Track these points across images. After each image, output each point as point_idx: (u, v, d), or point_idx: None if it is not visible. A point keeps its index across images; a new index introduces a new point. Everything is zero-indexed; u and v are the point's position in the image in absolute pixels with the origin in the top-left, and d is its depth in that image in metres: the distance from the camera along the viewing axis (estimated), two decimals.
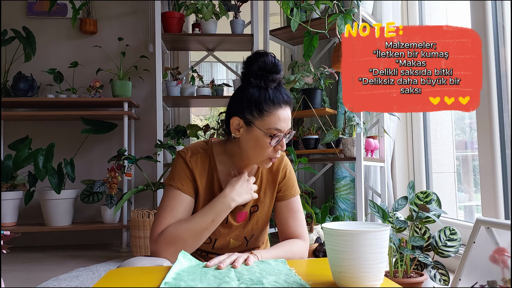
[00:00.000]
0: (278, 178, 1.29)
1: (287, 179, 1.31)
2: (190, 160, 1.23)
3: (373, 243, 0.79)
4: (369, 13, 2.78)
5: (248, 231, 1.29)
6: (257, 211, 1.29)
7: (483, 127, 1.99)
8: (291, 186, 1.31)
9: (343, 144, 2.71)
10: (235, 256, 1.05)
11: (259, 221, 1.30)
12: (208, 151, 1.27)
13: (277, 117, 1.16)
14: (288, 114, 1.19)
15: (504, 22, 1.96)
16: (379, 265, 0.80)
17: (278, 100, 1.17)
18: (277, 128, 1.16)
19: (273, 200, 1.31)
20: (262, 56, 1.18)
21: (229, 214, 1.25)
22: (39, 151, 3.06)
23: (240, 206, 1.26)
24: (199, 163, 1.24)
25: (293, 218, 1.28)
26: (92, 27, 3.57)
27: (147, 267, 1.06)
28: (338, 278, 0.83)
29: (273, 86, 1.18)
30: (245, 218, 1.28)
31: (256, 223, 1.29)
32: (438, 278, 1.83)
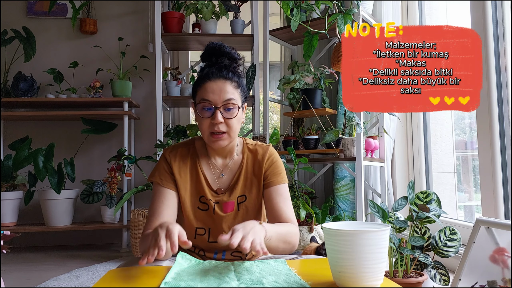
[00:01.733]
0: (263, 167, 1.31)
1: (273, 166, 1.32)
2: (169, 155, 1.30)
3: (373, 243, 0.79)
4: (369, 13, 2.78)
5: (239, 222, 1.28)
6: (245, 201, 1.31)
7: (483, 127, 1.99)
8: (278, 173, 1.32)
9: (343, 144, 2.71)
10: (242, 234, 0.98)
11: (249, 211, 1.31)
12: (189, 145, 1.33)
13: (205, 89, 1.22)
14: (218, 86, 1.21)
15: (504, 22, 1.96)
16: (379, 265, 0.80)
17: (208, 75, 1.23)
18: (203, 99, 1.21)
19: (260, 189, 1.32)
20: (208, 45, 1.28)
21: (216, 205, 1.28)
22: (39, 151, 3.06)
23: (227, 197, 1.29)
24: (177, 157, 1.30)
25: (284, 203, 1.29)
26: (92, 27, 3.57)
27: (147, 267, 1.06)
28: (338, 278, 0.83)
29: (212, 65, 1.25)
30: (232, 208, 1.29)
31: (247, 213, 1.30)
32: (438, 278, 1.83)
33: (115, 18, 3.68)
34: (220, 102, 1.21)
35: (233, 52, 1.29)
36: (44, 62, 3.54)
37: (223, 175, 1.32)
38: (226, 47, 1.27)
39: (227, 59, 1.26)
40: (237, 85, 1.25)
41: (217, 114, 1.20)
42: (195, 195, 1.29)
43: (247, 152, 1.34)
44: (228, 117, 1.22)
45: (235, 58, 1.28)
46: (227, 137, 1.24)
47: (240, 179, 1.31)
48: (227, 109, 1.22)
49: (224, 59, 1.26)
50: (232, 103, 1.22)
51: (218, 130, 1.22)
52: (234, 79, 1.25)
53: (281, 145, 3.12)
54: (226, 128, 1.23)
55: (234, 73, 1.26)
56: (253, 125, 3.24)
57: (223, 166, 1.33)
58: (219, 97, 1.21)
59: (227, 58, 1.27)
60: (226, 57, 1.26)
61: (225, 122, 1.22)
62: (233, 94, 1.22)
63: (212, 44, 1.28)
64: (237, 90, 1.25)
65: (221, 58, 1.26)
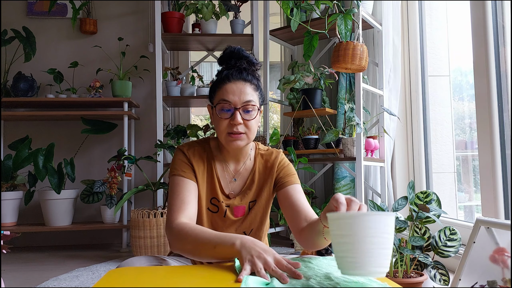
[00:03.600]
0: (275, 171, 1.32)
1: (286, 169, 1.33)
2: (187, 151, 1.30)
3: (375, 227, 0.78)
4: (369, 13, 2.78)
5: (247, 226, 1.31)
6: (255, 206, 1.32)
7: (483, 127, 1.99)
8: (291, 174, 1.32)
9: (343, 144, 2.71)
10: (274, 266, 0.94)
11: (257, 215, 1.32)
12: (205, 145, 1.33)
13: (225, 90, 1.22)
14: (238, 87, 1.22)
15: (504, 22, 1.96)
16: (382, 250, 0.78)
17: (228, 76, 1.23)
18: (223, 99, 1.21)
19: (270, 194, 1.33)
20: (226, 49, 1.29)
21: (227, 209, 1.29)
22: (39, 151, 3.06)
23: (238, 201, 1.30)
24: (196, 154, 1.30)
25: (305, 199, 1.28)
26: (92, 27, 3.58)
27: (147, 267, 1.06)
28: (341, 263, 0.82)
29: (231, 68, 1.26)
30: (243, 213, 1.30)
31: (255, 218, 1.31)
32: (438, 278, 1.83)
33: (115, 18, 3.68)
34: (240, 103, 1.21)
35: (251, 56, 1.29)
36: (44, 62, 3.54)
37: (236, 179, 1.32)
38: (244, 51, 1.29)
39: (246, 63, 1.27)
40: (256, 87, 1.26)
41: (237, 115, 1.20)
42: (208, 196, 1.29)
43: (259, 157, 1.35)
44: (247, 118, 1.22)
45: (253, 63, 1.29)
46: (245, 138, 1.24)
47: (253, 184, 1.31)
48: (246, 110, 1.22)
49: (243, 62, 1.27)
50: (251, 105, 1.22)
51: (237, 131, 1.22)
52: (253, 81, 1.25)
53: (281, 145, 3.12)
54: (244, 129, 1.23)
55: (253, 76, 1.26)
56: None
57: (235, 171, 1.33)
58: (239, 98, 1.21)
59: (246, 61, 1.27)
60: (244, 60, 1.27)
61: (244, 123, 1.22)
62: (252, 96, 1.23)
63: (231, 48, 1.29)
64: (256, 92, 1.25)
65: (240, 61, 1.27)
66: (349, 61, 2.39)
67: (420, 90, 2.82)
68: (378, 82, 2.89)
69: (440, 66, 2.79)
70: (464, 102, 2.80)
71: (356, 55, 2.39)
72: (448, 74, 2.79)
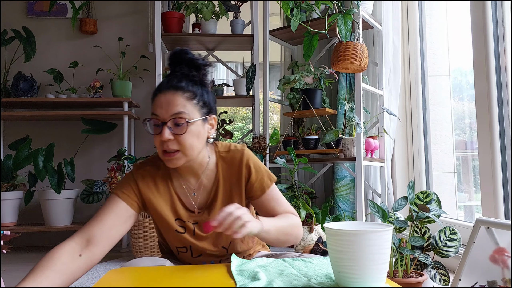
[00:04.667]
0: (243, 175, 1.19)
1: (255, 172, 1.19)
2: (135, 173, 1.20)
3: (375, 244, 0.77)
4: (369, 13, 2.78)
5: (224, 240, 1.22)
6: None
7: (483, 127, 1.99)
8: (262, 178, 1.19)
9: (343, 144, 2.71)
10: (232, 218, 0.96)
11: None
12: (159, 163, 1.21)
13: (154, 103, 1.12)
14: (166, 99, 1.09)
15: (504, 22, 1.96)
16: (380, 266, 0.79)
17: (159, 86, 1.13)
18: (152, 113, 1.11)
19: (242, 197, 1.21)
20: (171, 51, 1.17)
21: (195, 226, 1.19)
22: (39, 151, 3.06)
23: (206, 216, 1.20)
24: (146, 175, 1.20)
25: (279, 204, 1.21)
26: (92, 27, 3.58)
27: (147, 267, 1.06)
28: (338, 278, 0.82)
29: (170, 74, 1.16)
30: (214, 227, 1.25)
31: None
32: (438, 278, 1.82)
33: (115, 18, 3.68)
34: (168, 117, 1.08)
35: (197, 57, 1.15)
36: (44, 62, 3.54)
37: (195, 194, 1.21)
38: (188, 53, 1.14)
39: (187, 67, 1.14)
40: (192, 95, 1.11)
41: (164, 131, 1.07)
42: (172, 217, 1.19)
43: (221, 162, 1.21)
44: (177, 133, 1.08)
45: (197, 65, 1.15)
46: (181, 156, 1.10)
47: (218, 194, 1.19)
48: (176, 124, 1.08)
49: (183, 67, 1.14)
50: (180, 117, 1.08)
51: (168, 149, 1.09)
52: (188, 89, 1.11)
53: (281, 145, 3.12)
54: (177, 146, 1.09)
55: (190, 82, 1.12)
56: (253, 125, 3.24)
57: (196, 184, 1.21)
58: (166, 111, 1.08)
59: (187, 65, 1.14)
60: (185, 64, 1.14)
61: (176, 139, 1.09)
62: (183, 107, 1.08)
63: (173, 51, 1.16)
64: (191, 101, 1.10)
65: (179, 67, 1.15)
66: (349, 61, 2.39)
67: (420, 90, 2.82)
68: (378, 82, 2.89)
69: (440, 66, 2.79)
70: (464, 102, 2.80)
71: (356, 55, 2.39)
72: (448, 74, 2.79)
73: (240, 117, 8.26)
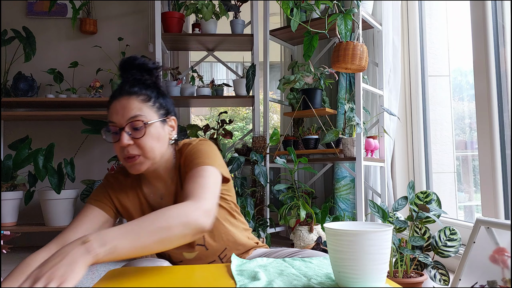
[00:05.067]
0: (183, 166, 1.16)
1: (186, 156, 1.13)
2: (106, 182, 1.22)
3: (376, 244, 0.77)
4: (369, 13, 2.78)
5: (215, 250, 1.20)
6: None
7: (483, 127, 1.99)
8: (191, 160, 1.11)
9: (343, 144, 2.71)
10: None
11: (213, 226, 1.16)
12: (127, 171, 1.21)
13: (110, 111, 1.10)
14: (121, 105, 1.08)
15: (504, 22, 1.96)
16: (380, 266, 0.79)
17: (113, 94, 1.12)
18: (109, 121, 1.10)
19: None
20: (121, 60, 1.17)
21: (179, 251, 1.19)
22: (39, 151, 3.06)
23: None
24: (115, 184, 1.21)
25: (191, 181, 1.03)
26: (92, 27, 3.58)
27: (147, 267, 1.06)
28: (338, 278, 0.82)
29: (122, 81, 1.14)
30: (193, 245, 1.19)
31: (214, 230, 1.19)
32: (438, 278, 1.83)
33: (115, 18, 3.68)
34: (124, 122, 1.07)
35: (147, 61, 1.15)
36: (44, 62, 3.54)
37: (162, 198, 1.19)
38: (137, 59, 1.15)
39: (138, 72, 1.14)
40: (147, 98, 1.11)
41: (122, 136, 1.06)
42: None
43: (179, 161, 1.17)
44: (136, 136, 1.07)
45: (148, 69, 1.15)
46: (143, 160, 1.09)
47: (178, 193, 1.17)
48: (134, 128, 1.07)
49: (134, 72, 1.14)
50: (137, 120, 1.07)
51: (129, 154, 1.08)
52: (142, 92, 1.10)
53: (281, 145, 3.12)
54: (138, 150, 1.08)
55: (143, 86, 1.12)
56: (253, 125, 3.24)
57: (163, 189, 1.19)
58: (122, 116, 1.07)
59: (139, 70, 1.15)
60: (136, 69, 1.15)
61: (135, 143, 1.08)
62: (139, 110, 1.08)
63: (123, 59, 1.16)
64: (147, 103, 1.10)
65: (131, 73, 1.15)
66: (349, 61, 2.39)
67: (420, 90, 2.82)
68: (378, 82, 2.89)
69: (440, 66, 2.79)
70: (464, 102, 2.80)
71: (356, 55, 2.39)
72: (448, 74, 2.79)
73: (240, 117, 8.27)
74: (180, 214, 0.90)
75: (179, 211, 0.90)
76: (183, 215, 0.90)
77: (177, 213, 0.90)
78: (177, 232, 0.89)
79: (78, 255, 0.77)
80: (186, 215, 0.90)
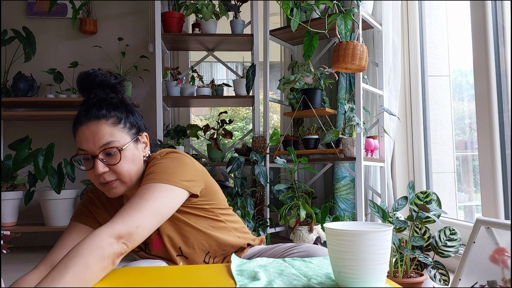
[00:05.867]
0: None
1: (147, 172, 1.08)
2: (86, 198, 1.22)
3: (376, 244, 0.77)
4: (369, 13, 2.78)
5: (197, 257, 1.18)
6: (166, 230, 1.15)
7: (483, 127, 1.99)
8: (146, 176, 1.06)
9: (343, 144, 2.71)
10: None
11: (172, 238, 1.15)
12: None
13: (78, 137, 1.05)
14: (90, 131, 1.03)
15: (504, 22, 1.96)
16: (381, 266, 0.79)
17: (78, 119, 1.05)
18: (80, 149, 1.05)
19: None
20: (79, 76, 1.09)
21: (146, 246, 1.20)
22: (39, 151, 3.06)
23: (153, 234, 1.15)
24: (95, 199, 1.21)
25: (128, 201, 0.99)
26: (92, 27, 3.58)
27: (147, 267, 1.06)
28: (338, 278, 0.82)
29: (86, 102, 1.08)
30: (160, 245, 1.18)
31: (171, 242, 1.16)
32: (438, 278, 1.83)
33: (115, 18, 3.68)
34: (97, 149, 1.03)
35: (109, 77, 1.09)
36: (44, 62, 3.54)
37: None
38: (98, 76, 1.07)
39: (102, 90, 1.08)
40: (117, 120, 1.06)
41: (97, 164, 1.03)
42: None
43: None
44: (111, 163, 1.04)
45: (111, 85, 1.09)
46: (119, 184, 1.07)
47: None
48: (108, 153, 1.04)
49: (98, 92, 1.08)
50: (110, 147, 1.03)
51: (105, 181, 1.05)
52: (111, 114, 1.05)
53: (281, 145, 3.12)
54: (114, 176, 1.06)
55: (110, 106, 1.06)
56: (253, 125, 3.24)
57: None
58: (94, 144, 1.03)
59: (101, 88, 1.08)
60: (99, 87, 1.08)
61: (110, 169, 1.05)
62: (111, 136, 1.04)
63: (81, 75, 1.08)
64: (117, 126, 1.06)
65: (94, 93, 1.08)
66: (349, 61, 2.39)
67: (420, 90, 2.82)
68: (378, 82, 2.89)
69: (440, 66, 2.79)
70: (464, 102, 2.80)
71: (356, 55, 2.39)
72: (448, 74, 2.79)
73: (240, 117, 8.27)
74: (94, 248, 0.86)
75: (92, 245, 0.86)
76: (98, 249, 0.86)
77: (91, 248, 0.86)
78: (98, 268, 0.86)
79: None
80: (101, 247, 0.86)
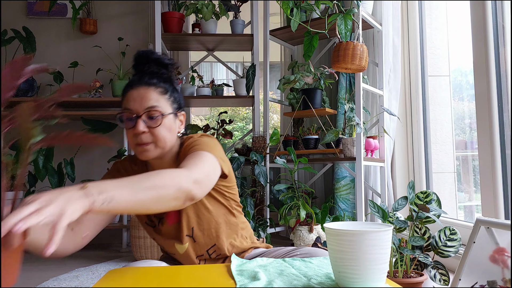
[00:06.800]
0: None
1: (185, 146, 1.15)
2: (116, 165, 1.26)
3: (376, 244, 0.77)
4: (369, 13, 2.78)
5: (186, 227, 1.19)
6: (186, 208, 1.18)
7: (483, 127, 1.99)
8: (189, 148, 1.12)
9: (343, 144, 2.71)
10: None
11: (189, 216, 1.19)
12: (136, 160, 1.26)
13: (127, 98, 1.14)
14: (139, 94, 1.13)
15: (504, 22, 1.96)
16: (380, 266, 0.79)
17: (131, 83, 1.16)
18: (125, 108, 1.13)
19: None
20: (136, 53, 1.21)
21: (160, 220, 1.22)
22: (39, 151, 3.06)
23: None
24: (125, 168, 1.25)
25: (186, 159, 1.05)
26: (92, 27, 3.58)
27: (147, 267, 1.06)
28: (338, 278, 0.82)
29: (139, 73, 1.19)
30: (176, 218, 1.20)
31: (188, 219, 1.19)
32: (438, 278, 1.83)
33: (115, 18, 3.68)
34: (142, 110, 1.12)
35: (163, 57, 1.20)
36: (44, 62, 3.54)
37: None
38: (154, 54, 1.20)
39: (155, 65, 1.20)
40: (164, 91, 1.16)
41: (138, 123, 1.11)
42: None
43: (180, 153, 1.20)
44: (152, 125, 1.12)
45: (165, 64, 1.20)
46: (153, 148, 1.13)
47: None
48: (150, 117, 1.12)
49: (151, 65, 1.19)
50: (154, 110, 1.12)
51: (141, 142, 1.12)
52: (160, 85, 1.16)
53: (281, 145, 3.12)
54: (151, 138, 1.12)
55: (161, 79, 1.17)
56: (253, 125, 3.24)
57: None
58: (140, 105, 1.12)
59: (155, 64, 1.20)
60: (153, 63, 1.20)
61: (150, 131, 1.12)
62: (157, 101, 1.13)
63: (139, 52, 1.21)
64: (164, 96, 1.15)
65: (148, 65, 1.20)
66: (349, 61, 2.39)
67: (420, 90, 2.82)
68: (378, 82, 2.89)
69: (440, 66, 2.79)
70: (464, 102, 2.80)
71: (356, 55, 2.39)
72: (448, 74, 2.79)
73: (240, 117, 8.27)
74: (174, 177, 0.92)
75: (173, 174, 0.93)
76: (176, 179, 0.92)
77: (171, 176, 0.92)
78: (171, 192, 0.90)
79: (76, 197, 0.75)
80: (179, 179, 0.92)
